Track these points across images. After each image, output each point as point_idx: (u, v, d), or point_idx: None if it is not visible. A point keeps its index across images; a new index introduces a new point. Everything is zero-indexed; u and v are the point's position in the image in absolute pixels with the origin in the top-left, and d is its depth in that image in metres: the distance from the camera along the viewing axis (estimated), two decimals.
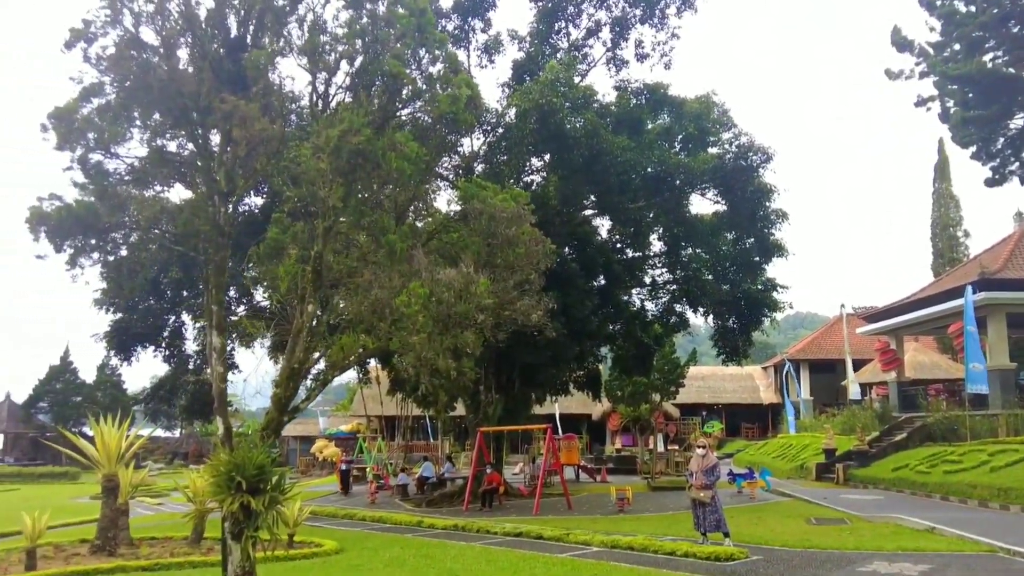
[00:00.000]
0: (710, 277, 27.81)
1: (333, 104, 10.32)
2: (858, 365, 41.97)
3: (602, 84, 60.55)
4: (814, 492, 23.80)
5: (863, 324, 36.86)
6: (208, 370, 27.84)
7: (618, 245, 29.10)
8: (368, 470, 36.67)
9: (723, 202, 26.58)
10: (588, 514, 21.47)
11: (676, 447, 40.58)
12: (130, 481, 18.04)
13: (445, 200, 24.16)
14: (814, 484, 26.76)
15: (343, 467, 32.94)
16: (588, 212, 27.91)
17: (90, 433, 32.31)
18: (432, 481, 29.71)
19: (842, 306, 44.67)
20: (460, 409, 34.30)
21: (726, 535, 14.62)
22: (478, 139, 24.87)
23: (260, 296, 21.51)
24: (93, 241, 9.88)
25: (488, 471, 24.96)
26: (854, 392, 38.20)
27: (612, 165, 22.50)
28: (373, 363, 30.90)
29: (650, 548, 14.26)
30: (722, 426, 52.08)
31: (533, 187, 24.91)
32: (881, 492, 23.50)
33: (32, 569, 14.38)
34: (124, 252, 10.57)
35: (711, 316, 28.56)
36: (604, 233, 29.05)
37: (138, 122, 9.94)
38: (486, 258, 11.42)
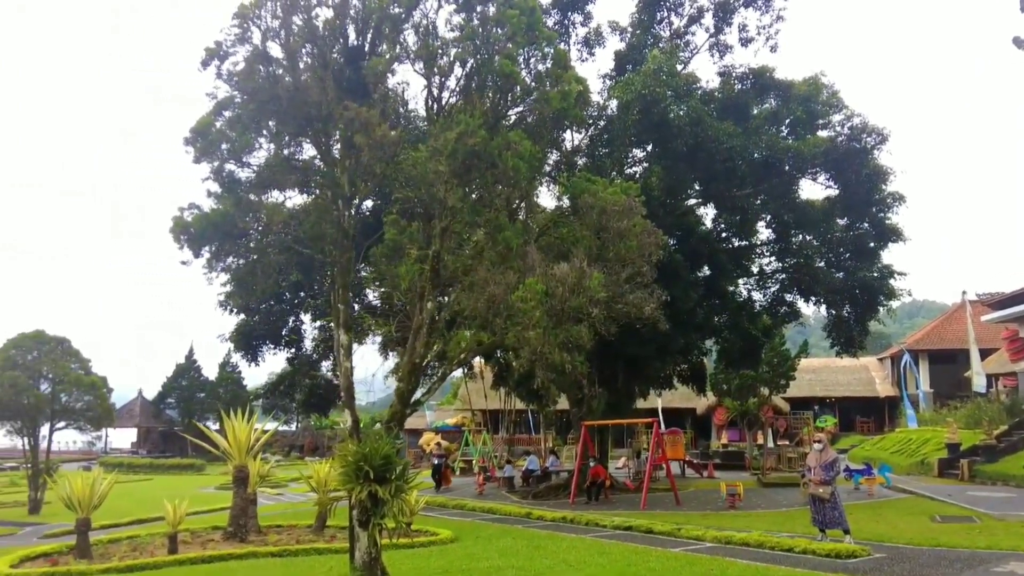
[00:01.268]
0: (822, 265, 26.75)
1: (446, 107, 10.59)
2: (982, 355, 39.42)
3: (705, 71, 59.10)
4: (937, 489, 22.55)
5: (987, 311, 34.56)
6: (324, 367, 29.01)
7: (723, 234, 28.43)
8: (474, 462, 37.33)
9: (835, 186, 25.49)
10: (697, 510, 21.12)
11: (787, 442, 39.30)
12: (257, 472, 19.08)
13: (546, 196, 24.27)
14: (936, 480, 25.34)
15: (435, 461, 33.07)
16: (692, 202, 27.40)
17: (214, 427, 34.47)
18: (537, 474, 29.94)
19: (964, 293, 42.02)
20: (562, 403, 34.40)
21: (846, 532, 14.08)
22: (579, 133, 24.85)
23: (372, 295, 22.27)
24: (228, 246, 10.51)
25: (592, 465, 24.96)
26: (979, 384, 35.85)
27: (717, 152, 22.02)
28: (477, 358, 31.43)
29: (766, 544, 13.88)
30: (835, 421, 49.97)
31: (635, 178, 24.70)
32: (1012, 489, 22.01)
33: (174, 552, 15.43)
34: (255, 256, 11.19)
35: (824, 305, 27.47)
36: (708, 222, 28.43)
37: (265, 132, 10.50)
38: (597, 252, 11.44)
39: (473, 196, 10.81)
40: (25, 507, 29.70)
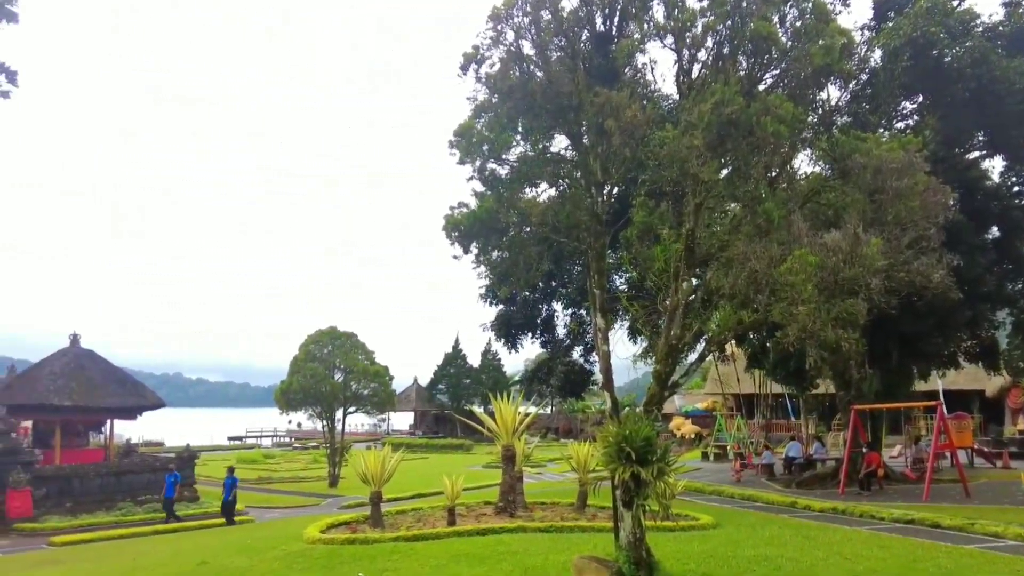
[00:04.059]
0: None
1: (697, 80, 10.30)
2: None
3: (985, 4, 51.51)
4: None
5: None
6: (576, 352, 29.70)
7: (1016, 188, 24.67)
8: (728, 448, 36.24)
9: None
10: (992, 503, 18.83)
11: None
12: (522, 452, 20.11)
13: (806, 162, 22.58)
14: None
15: None
16: (975, 154, 24.12)
17: (478, 410, 36.92)
18: (799, 461, 28.28)
19: None
20: (824, 387, 32.05)
21: None
22: (839, 90, 22.98)
23: (619, 280, 22.41)
24: (492, 241, 11.15)
25: (864, 452, 23.04)
26: None
27: (1008, 95, 19.20)
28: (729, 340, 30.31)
29: None
30: None
31: (906, 132, 22.28)
32: None
33: (452, 524, 16.73)
34: (516, 249, 11.75)
35: None
36: (996, 176, 24.86)
37: (520, 128, 10.97)
38: (872, 216, 10.46)
39: (728, 169, 10.40)
40: (326, 481, 34.14)
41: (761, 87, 10.64)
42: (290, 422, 56.99)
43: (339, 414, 34.55)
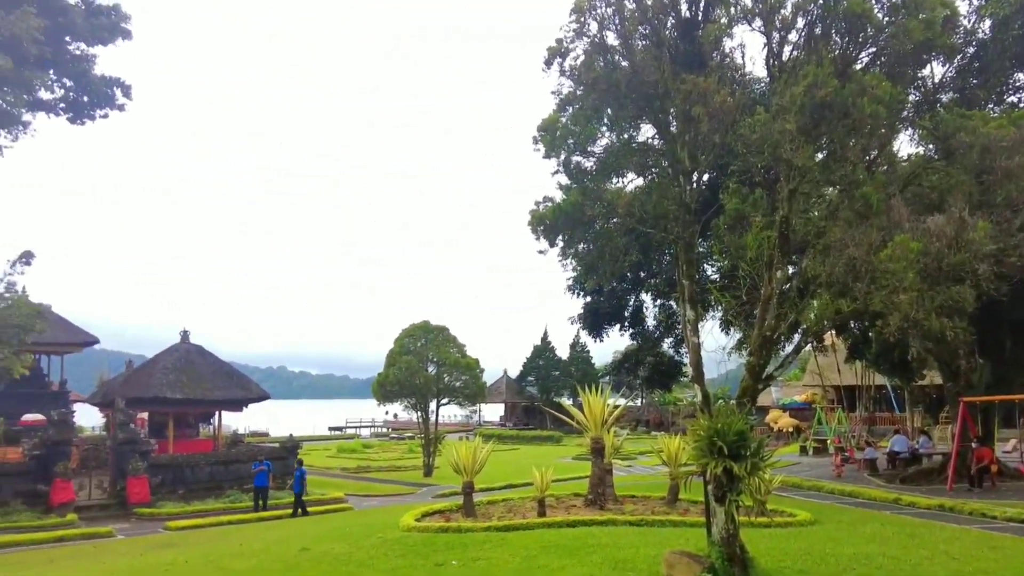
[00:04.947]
0: None
1: (788, 62, 9.98)
2: None
3: None
4: None
5: None
6: (665, 344, 29.34)
7: None
8: (828, 442, 35.03)
9: None
10: None
11: None
12: (611, 444, 20.02)
13: (906, 144, 21.37)
14: None
15: None
16: None
17: (568, 402, 37.00)
18: (904, 456, 27.03)
19: None
20: (930, 378, 30.46)
21: None
22: (943, 66, 21.67)
23: (710, 269, 21.99)
24: (578, 234, 11.16)
25: (975, 447, 21.81)
26: None
27: None
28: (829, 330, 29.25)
29: None
30: None
31: (1018, 107, 20.82)
32: None
33: (543, 515, 16.84)
34: (602, 241, 11.73)
35: None
36: None
37: (605, 120, 10.92)
38: (979, 198, 9.86)
39: (823, 152, 10.03)
40: (421, 470, 35.01)
41: (856, 67, 10.21)
42: (387, 413, 58.66)
43: (432, 405, 35.35)
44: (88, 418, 48.49)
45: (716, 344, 15.24)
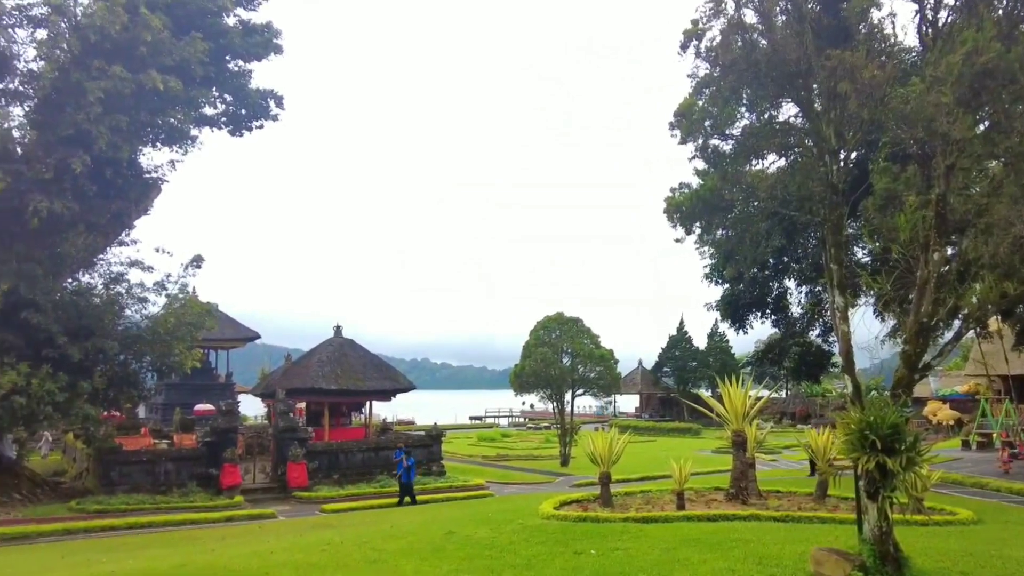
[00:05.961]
0: None
1: (944, 29, 9.26)
2: None
3: None
4: None
5: None
6: (813, 333, 28.07)
7: None
8: (995, 436, 32.30)
9: None
10: None
11: None
12: (754, 437, 19.38)
13: None
14: None
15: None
16: None
17: (707, 394, 36.22)
18: None
19: None
20: None
21: None
22: None
23: (860, 252, 20.77)
24: (716, 219, 10.89)
25: None
26: None
27: None
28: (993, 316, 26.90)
29: None
30: None
31: None
32: None
33: (681, 508, 16.57)
34: (742, 225, 11.39)
35: None
36: None
37: (744, 101, 10.58)
38: None
39: (984, 124, 9.24)
40: (557, 460, 35.40)
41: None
42: (523, 403, 59.66)
43: (567, 396, 35.63)
44: (252, 408, 52.40)
45: (868, 332, 14.40)
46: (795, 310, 28.14)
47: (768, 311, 28.23)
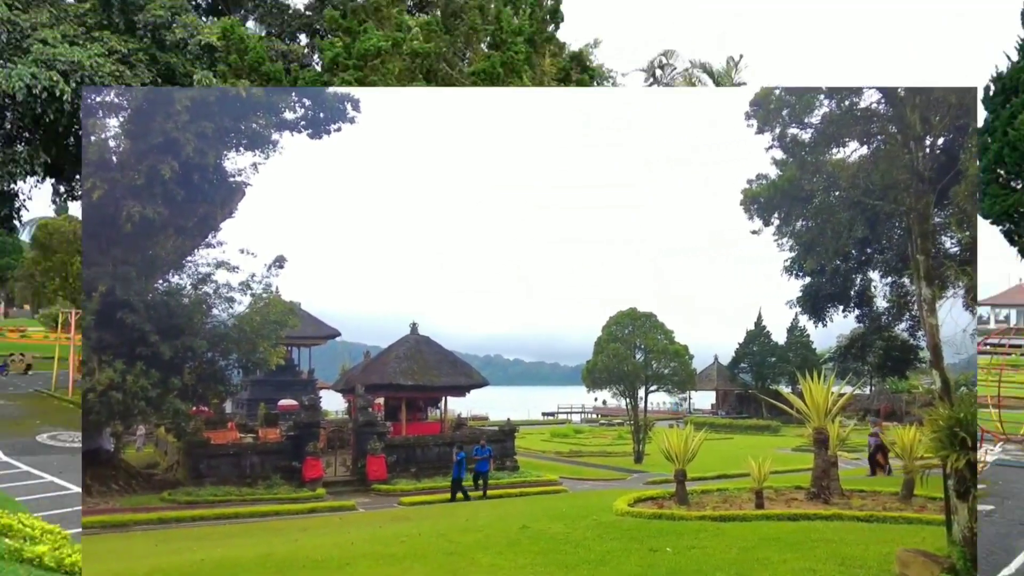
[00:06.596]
0: None
1: None
2: None
3: None
4: None
5: None
6: (899, 327, 27.03)
7: None
8: None
9: None
10: None
11: None
12: (836, 435, 18.76)
13: None
14: None
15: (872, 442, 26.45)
16: None
17: (786, 390, 35.29)
18: None
19: None
20: None
21: None
22: None
23: (949, 242, 19.84)
24: (795, 210, 10.61)
25: None
26: None
27: None
28: None
29: None
30: None
31: None
32: None
33: (760, 507, 16.17)
34: (823, 216, 11.07)
35: None
36: None
37: (823, 87, 10.27)
38: None
39: None
40: (630, 457, 35.13)
41: None
42: (596, 399, 59.38)
43: (641, 392, 35.32)
44: (332, 403, 53.84)
45: (956, 326, 13.76)
46: (879, 303, 27.11)
47: (851, 305, 27.29)
